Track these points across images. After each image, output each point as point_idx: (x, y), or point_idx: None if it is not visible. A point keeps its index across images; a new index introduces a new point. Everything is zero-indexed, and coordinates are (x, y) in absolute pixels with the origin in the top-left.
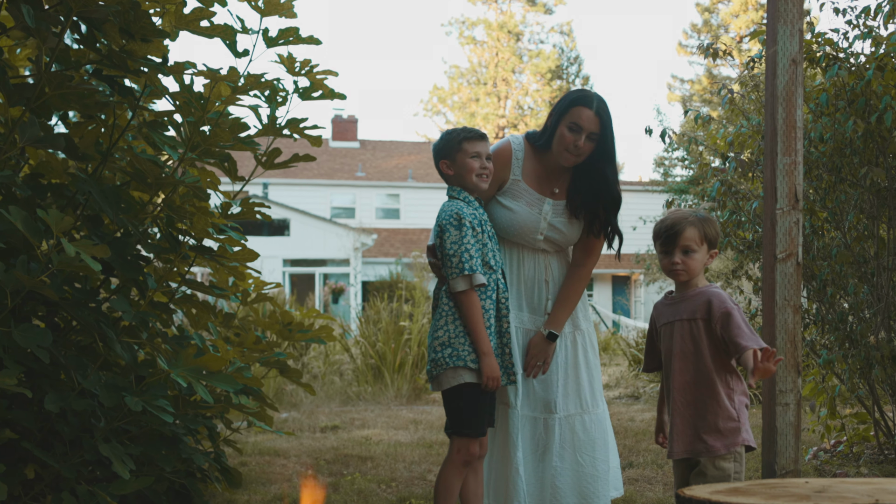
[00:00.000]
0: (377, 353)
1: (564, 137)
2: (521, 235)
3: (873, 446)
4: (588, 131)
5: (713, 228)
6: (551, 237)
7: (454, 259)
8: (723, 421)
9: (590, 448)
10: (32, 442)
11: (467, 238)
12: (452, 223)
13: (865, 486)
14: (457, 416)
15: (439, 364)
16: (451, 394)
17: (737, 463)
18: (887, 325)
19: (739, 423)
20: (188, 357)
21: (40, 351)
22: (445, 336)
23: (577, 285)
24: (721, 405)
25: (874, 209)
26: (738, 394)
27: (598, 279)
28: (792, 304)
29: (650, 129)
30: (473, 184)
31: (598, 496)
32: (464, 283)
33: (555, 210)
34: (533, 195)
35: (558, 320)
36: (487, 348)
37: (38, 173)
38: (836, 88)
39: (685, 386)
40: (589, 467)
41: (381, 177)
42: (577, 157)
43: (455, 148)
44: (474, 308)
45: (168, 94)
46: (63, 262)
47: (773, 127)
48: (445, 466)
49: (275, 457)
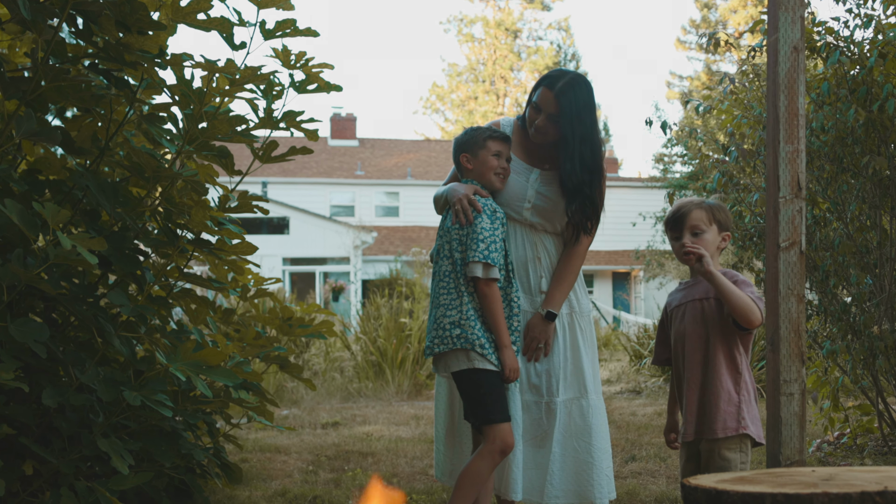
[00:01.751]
0: (378, 349)
1: (530, 115)
2: (509, 203)
3: (877, 438)
4: (547, 112)
5: (723, 212)
6: (539, 206)
7: (482, 244)
8: (724, 403)
9: (587, 434)
10: (30, 438)
11: (498, 231)
12: (488, 212)
13: (873, 474)
14: (481, 405)
15: (445, 342)
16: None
17: (742, 454)
18: (890, 316)
19: (738, 408)
20: (187, 351)
21: (37, 346)
22: (458, 316)
23: (572, 263)
24: (723, 387)
25: (876, 199)
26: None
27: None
28: (796, 294)
29: (650, 121)
30: (490, 181)
31: (594, 485)
32: (482, 270)
33: (542, 179)
34: (520, 164)
35: (555, 300)
36: (507, 341)
37: (35, 169)
38: (838, 77)
39: (695, 366)
40: (584, 454)
41: (380, 175)
42: (541, 135)
43: (479, 144)
44: (496, 300)
45: (166, 87)
46: (60, 255)
47: (775, 115)
48: (480, 456)
49: (275, 453)
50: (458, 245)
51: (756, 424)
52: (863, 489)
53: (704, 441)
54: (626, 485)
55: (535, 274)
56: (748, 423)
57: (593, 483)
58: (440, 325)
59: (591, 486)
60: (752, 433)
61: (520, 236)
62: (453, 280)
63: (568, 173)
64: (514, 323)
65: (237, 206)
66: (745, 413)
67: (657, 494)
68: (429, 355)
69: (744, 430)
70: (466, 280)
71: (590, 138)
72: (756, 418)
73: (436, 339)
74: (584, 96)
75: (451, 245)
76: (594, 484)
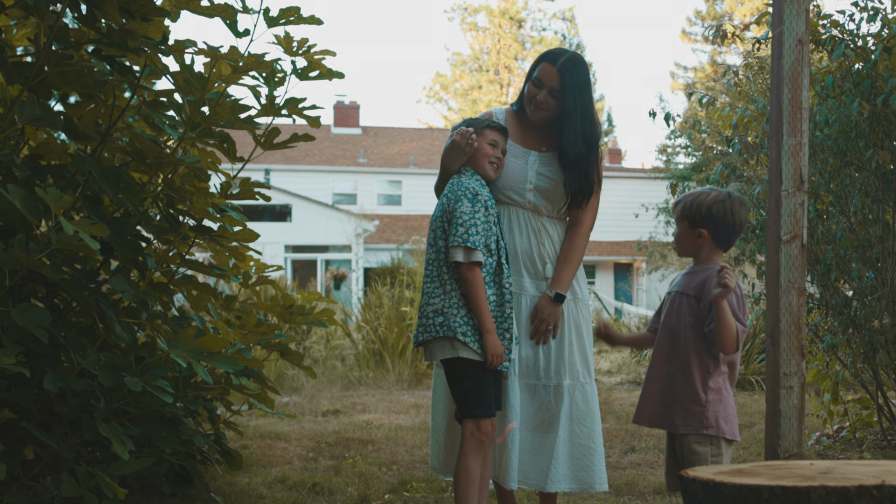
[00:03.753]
0: (379, 337)
1: (530, 92)
2: (509, 187)
3: (876, 432)
4: (549, 87)
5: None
6: (541, 187)
7: (461, 229)
8: (689, 401)
9: (589, 419)
10: (32, 422)
11: (479, 214)
12: (468, 196)
13: (871, 467)
14: (464, 398)
15: (428, 330)
16: (453, 375)
17: (714, 447)
18: (892, 310)
19: (705, 408)
20: (188, 338)
21: (39, 331)
22: (440, 305)
23: (577, 245)
24: (691, 385)
25: (879, 193)
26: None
27: (601, 266)
28: (796, 287)
29: (653, 112)
30: (484, 168)
31: (594, 471)
32: (463, 254)
33: (541, 161)
34: (518, 148)
35: (563, 281)
36: (490, 326)
37: (37, 154)
38: (842, 71)
39: (663, 357)
40: (586, 439)
41: (382, 163)
42: (541, 111)
43: (477, 131)
44: (478, 285)
45: (168, 74)
46: (62, 241)
47: (779, 108)
48: (462, 453)
49: (276, 440)
50: (442, 233)
51: (729, 422)
52: (860, 483)
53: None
54: (626, 475)
55: (539, 259)
56: (713, 422)
57: (594, 469)
58: (424, 313)
59: (591, 472)
60: (721, 433)
61: (523, 222)
62: (436, 268)
63: (570, 145)
64: (507, 310)
65: (239, 193)
66: (710, 413)
67: (656, 485)
68: (416, 345)
69: (705, 430)
70: (449, 267)
71: (589, 113)
72: (729, 416)
73: (420, 327)
74: (583, 72)
75: (435, 234)
76: (595, 470)
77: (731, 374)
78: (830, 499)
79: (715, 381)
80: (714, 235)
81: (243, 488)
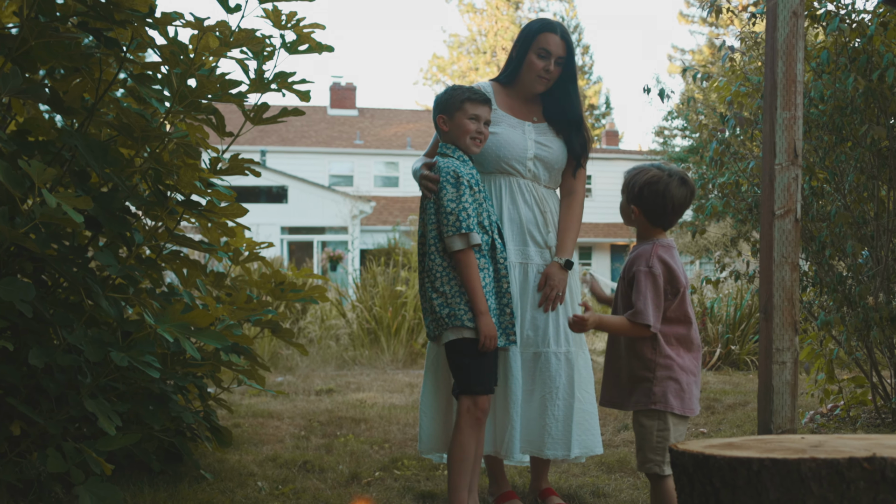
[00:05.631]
0: (374, 317)
1: (534, 64)
2: (512, 157)
3: (870, 410)
4: (556, 56)
5: (633, 181)
6: (541, 156)
7: (451, 217)
8: (637, 379)
9: (589, 385)
10: (18, 398)
11: (465, 196)
12: (450, 181)
13: (862, 441)
14: (464, 375)
15: (440, 324)
16: (454, 352)
17: (661, 422)
18: (886, 288)
19: (652, 384)
20: (175, 313)
21: (23, 305)
22: (443, 298)
23: (576, 212)
24: (638, 362)
25: (874, 169)
26: (666, 359)
27: (597, 248)
28: (790, 262)
29: (648, 88)
30: (465, 145)
31: (595, 434)
32: (461, 241)
33: (537, 131)
34: (512, 120)
35: (568, 248)
36: (484, 308)
37: (24, 130)
38: (838, 46)
39: (613, 340)
40: (588, 404)
41: (379, 145)
42: (548, 81)
43: (455, 106)
44: (472, 267)
45: (155, 47)
46: (45, 214)
47: (773, 81)
48: (458, 429)
49: (268, 418)
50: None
51: (680, 398)
52: (851, 455)
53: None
54: (618, 453)
55: (543, 228)
56: (661, 398)
57: (595, 433)
58: (430, 307)
59: (594, 435)
60: (669, 408)
61: (526, 192)
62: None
63: (574, 106)
64: (504, 285)
65: (229, 169)
66: (657, 389)
67: None
68: (431, 339)
69: (653, 405)
70: (444, 256)
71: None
72: (680, 392)
73: (431, 322)
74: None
75: (423, 226)
76: (596, 434)
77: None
78: (821, 471)
79: (664, 359)
80: (645, 213)
81: (233, 466)
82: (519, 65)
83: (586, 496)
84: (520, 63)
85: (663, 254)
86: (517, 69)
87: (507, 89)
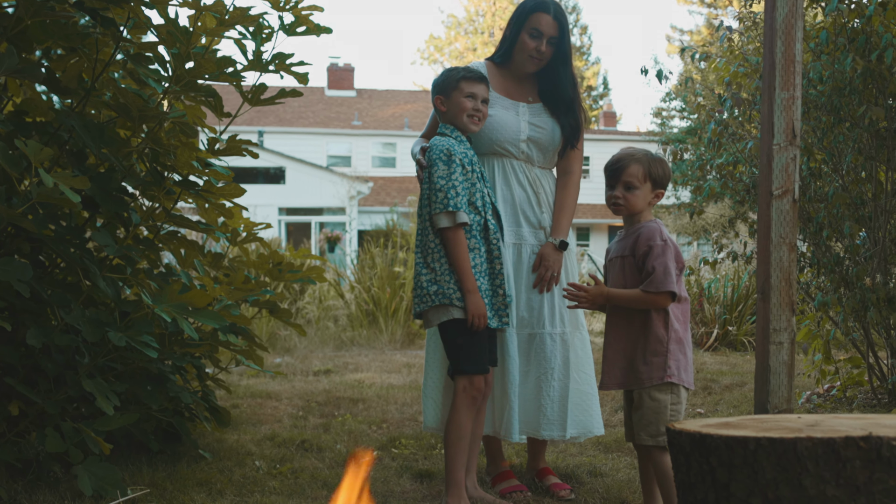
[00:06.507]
0: (371, 298)
1: (526, 44)
2: (506, 138)
3: (866, 390)
4: (548, 36)
5: (660, 168)
6: (535, 136)
7: (440, 195)
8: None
9: (587, 366)
10: (16, 378)
11: (456, 175)
12: (442, 158)
13: (859, 420)
14: (457, 355)
15: (425, 300)
16: (448, 333)
17: (674, 395)
18: (883, 269)
19: (666, 358)
20: (173, 293)
21: (20, 285)
22: (432, 274)
23: (571, 192)
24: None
25: (872, 150)
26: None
27: (595, 229)
28: (787, 242)
29: (645, 69)
30: (464, 124)
31: (592, 415)
32: (447, 219)
33: (531, 112)
34: (506, 101)
35: (563, 228)
36: (472, 286)
37: (22, 111)
38: (837, 26)
39: (620, 320)
40: (586, 385)
41: (377, 125)
42: (540, 61)
43: (452, 86)
44: (460, 246)
45: (152, 27)
46: (42, 193)
47: (772, 61)
48: (454, 409)
49: (266, 399)
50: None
51: (687, 372)
52: (847, 434)
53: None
54: (615, 433)
55: (537, 209)
56: (674, 371)
57: (592, 413)
58: (419, 283)
59: (590, 416)
60: (680, 381)
61: (519, 173)
62: (423, 237)
63: (565, 87)
64: (497, 266)
65: (226, 149)
66: (671, 363)
67: None
68: (416, 316)
69: (669, 378)
70: (435, 235)
71: (571, 58)
72: (687, 366)
73: (416, 298)
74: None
75: (420, 203)
76: (593, 414)
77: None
78: (817, 450)
79: (674, 333)
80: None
81: (232, 445)
82: (512, 44)
83: (583, 475)
84: (513, 42)
85: (667, 233)
86: (510, 49)
87: (502, 69)
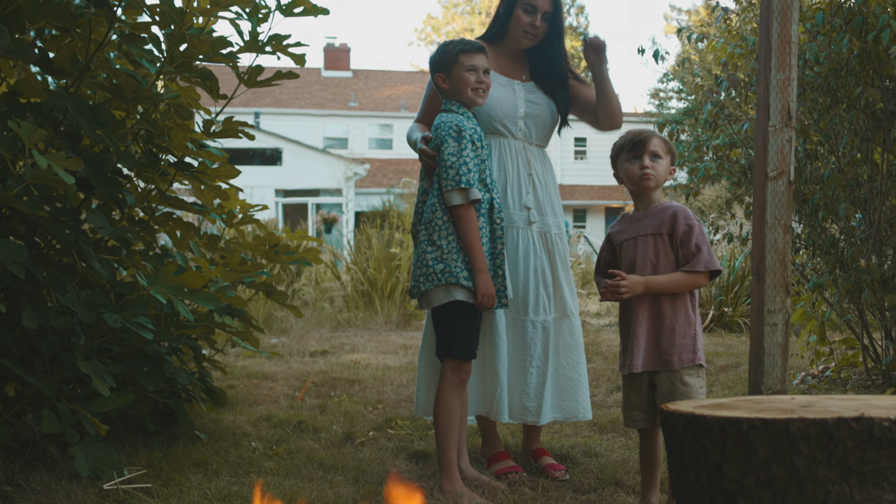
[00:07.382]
0: (368, 279)
1: (521, 19)
2: (503, 116)
3: (860, 372)
4: (543, 10)
5: (672, 146)
6: (532, 114)
7: (451, 171)
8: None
9: (575, 352)
10: (12, 360)
11: (467, 151)
12: (452, 135)
13: (851, 401)
14: (450, 337)
15: (430, 279)
16: (443, 314)
17: (700, 379)
18: (878, 250)
19: (695, 339)
20: (168, 274)
21: (15, 266)
22: (438, 252)
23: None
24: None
25: (868, 132)
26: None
27: (592, 210)
28: (783, 224)
29: (642, 49)
30: (469, 98)
31: (579, 401)
32: (460, 196)
33: (526, 89)
34: (501, 78)
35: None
36: (483, 265)
37: (16, 92)
38: (833, 7)
39: (646, 300)
40: (572, 371)
41: (374, 107)
42: (534, 36)
43: (451, 61)
44: (471, 223)
45: (146, 7)
46: (36, 175)
47: (768, 42)
48: (441, 391)
49: (262, 380)
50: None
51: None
52: (839, 415)
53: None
54: (610, 414)
55: (525, 190)
56: (701, 352)
57: (578, 399)
58: (423, 262)
59: (576, 401)
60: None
61: (514, 153)
62: (430, 215)
63: (559, 63)
64: (499, 246)
65: (222, 131)
66: (698, 344)
67: None
68: (414, 295)
69: (699, 360)
70: (444, 212)
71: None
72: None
73: (419, 277)
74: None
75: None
76: (579, 400)
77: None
78: (809, 431)
79: (696, 314)
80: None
81: (228, 426)
82: (507, 20)
83: (578, 456)
84: (507, 18)
85: None
86: (505, 25)
87: (495, 47)
